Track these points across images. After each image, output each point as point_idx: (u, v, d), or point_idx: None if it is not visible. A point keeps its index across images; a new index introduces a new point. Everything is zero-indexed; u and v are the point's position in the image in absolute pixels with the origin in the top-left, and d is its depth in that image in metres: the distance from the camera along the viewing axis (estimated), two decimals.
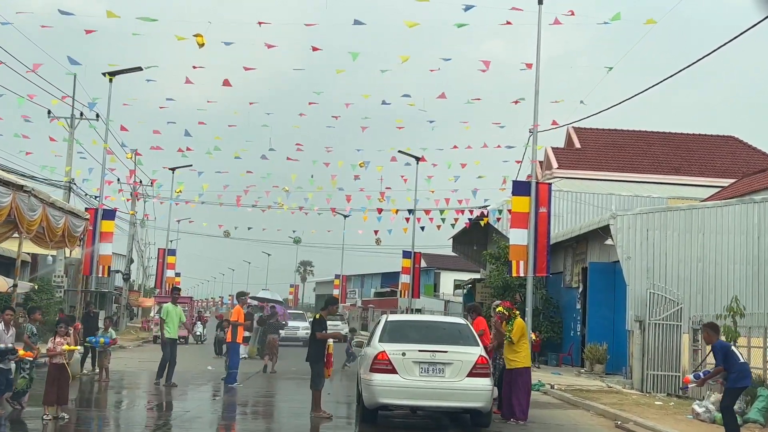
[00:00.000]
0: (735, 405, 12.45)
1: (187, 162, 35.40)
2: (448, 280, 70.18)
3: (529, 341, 16.12)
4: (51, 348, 11.35)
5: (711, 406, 12.95)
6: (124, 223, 43.16)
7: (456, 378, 11.18)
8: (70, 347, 11.24)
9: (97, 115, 29.88)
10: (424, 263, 53.62)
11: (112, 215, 30.78)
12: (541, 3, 20.77)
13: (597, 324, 22.94)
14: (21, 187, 13.84)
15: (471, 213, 31.36)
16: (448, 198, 30.29)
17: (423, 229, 33.99)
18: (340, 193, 32.30)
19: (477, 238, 39.41)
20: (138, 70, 27.62)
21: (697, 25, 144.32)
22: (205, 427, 12.15)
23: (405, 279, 42.67)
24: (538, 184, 21.57)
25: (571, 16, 18.29)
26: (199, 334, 36.78)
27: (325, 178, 32.19)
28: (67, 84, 27.52)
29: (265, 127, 26.74)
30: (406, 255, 41.92)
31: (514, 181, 22.32)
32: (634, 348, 18.86)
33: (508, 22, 18.77)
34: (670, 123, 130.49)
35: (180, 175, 39.44)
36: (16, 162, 29.81)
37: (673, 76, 17.93)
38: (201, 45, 16.15)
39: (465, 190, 33.00)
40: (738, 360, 10.66)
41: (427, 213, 32.68)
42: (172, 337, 17.09)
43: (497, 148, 25.56)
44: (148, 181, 41.84)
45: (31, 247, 23.42)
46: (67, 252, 27.02)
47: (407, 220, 35.00)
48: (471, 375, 11.19)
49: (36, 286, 27.73)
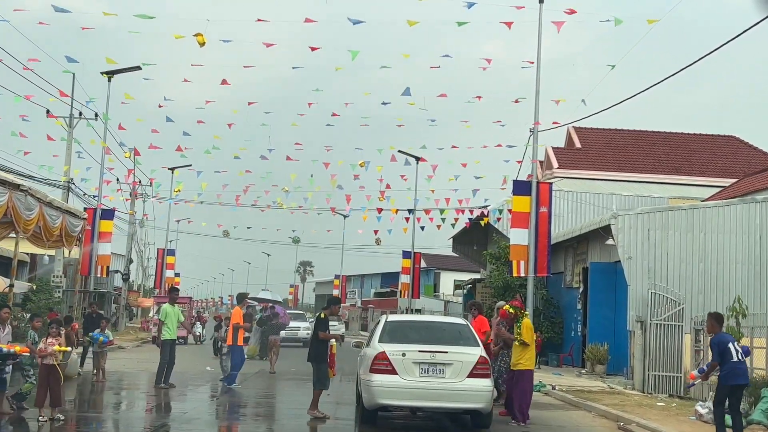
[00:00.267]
0: (739, 405, 12.34)
1: (185, 161, 35.32)
2: (448, 281, 70.09)
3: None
4: (42, 348, 11.20)
5: None
6: (123, 223, 43.08)
7: (456, 378, 11.09)
8: (60, 348, 11.07)
9: (96, 115, 29.76)
10: (424, 263, 53.54)
11: (110, 215, 30.72)
12: (541, 2, 20.72)
13: (598, 324, 22.83)
14: (17, 186, 13.75)
15: (471, 213, 31.27)
16: (448, 198, 30.23)
17: (423, 228, 33.95)
18: (340, 192, 32.21)
19: (477, 238, 39.31)
20: (137, 69, 27.51)
21: (698, 27, 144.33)
22: (203, 428, 12.03)
23: (405, 279, 42.60)
24: (538, 183, 21.48)
25: (572, 14, 18.15)
26: (198, 334, 36.69)
27: (325, 177, 32.10)
28: (65, 83, 27.39)
29: (265, 126, 26.66)
30: (406, 255, 41.84)
31: (515, 181, 22.23)
32: (635, 348, 18.76)
33: (509, 24, 18.64)
34: (670, 123, 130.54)
35: (179, 174, 39.42)
36: (15, 162, 29.64)
37: (674, 75, 17.87)
38: (201, 44, 16.02)
39: (465, 190, 32.94)
40: (731, 357, 10.51)
41: (427, 213, 32.60)
42: (171, 338, 16.98)
43: (498, 147, 25.49)
44: (147, 180, 41.85)
45: (28, 247, 23.36)
46: (66, 252, 26.87)
47: (407, 220, 34.93)
48: (471, 376, 11.11)
49: (34, 287, 27.59)
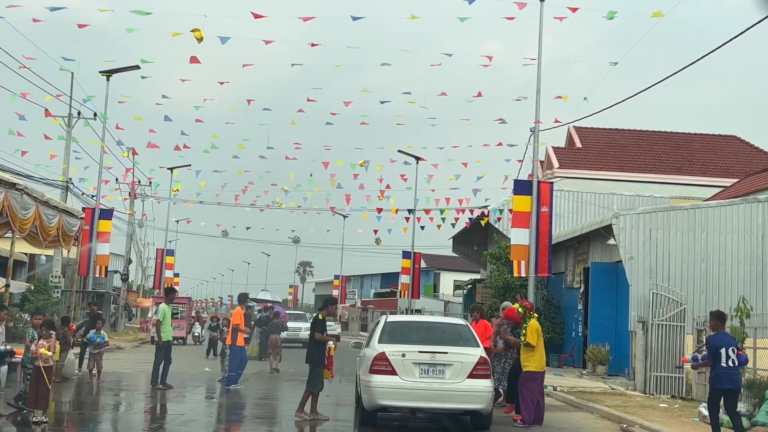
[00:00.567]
0: (735, 407, 12.20)
1: (184, 160, 35.22)
2: (448, 281, 70.01)
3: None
4: (33, 351, 11.11)
5: None
6: (122, 223, 42.94)
7: (456, 379, 11.03)
8: (45, 352, 10.92)
9: (94, 114, 29.65)
10: (423, 264, 53.42)
11: (109, 215, 30.62)
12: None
13: (599, 325, 22.69)
14: (13, 185, 13.63)
15: (471, 213, 31.14)
16: (448, 197, 30.10)
17: (423, 228, 33.83)
18: (340, 192, 32.09)
19: (477, 238, 39.19)
20: (135, 68, 27.43)
21: (698, 27, 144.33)
22: (200, 430, 11.90)
23: (405, 279, 42.51)
24: (539, 183, 21.36)
25: (574, 12, 18.05)
26: (197, 334, 36.57)
27: (324, 177, 31.96)
28: (63, 83, 27.26)
29: (264, 126, 26.53)
30: (406, 255, 41.75)
31: (516, 180, 22.12)
32: (636, 349, 18.63)
33: (511, 18, 18.54)
34: (671, 123, 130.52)
35: (178, 174, 39.29)
36: (13, 162, 29.48)
37: (675, 74, 17.78)
38: (199, 40, 15.96)
39: (465, 190, 32.79)
40: (720, 362, 10.45)
41: (427, 213, 32.47)
42: (168, 339, 16.81)
43: (499, 147, 25.36)
44: (146, 180, 41.74)
45: (27, 247, 23.24)
46: (64, 252, 26.75)
47: (407, 220, 34.83)
48: (471, 376, 11.06)
49: (32, 287, 27.46)
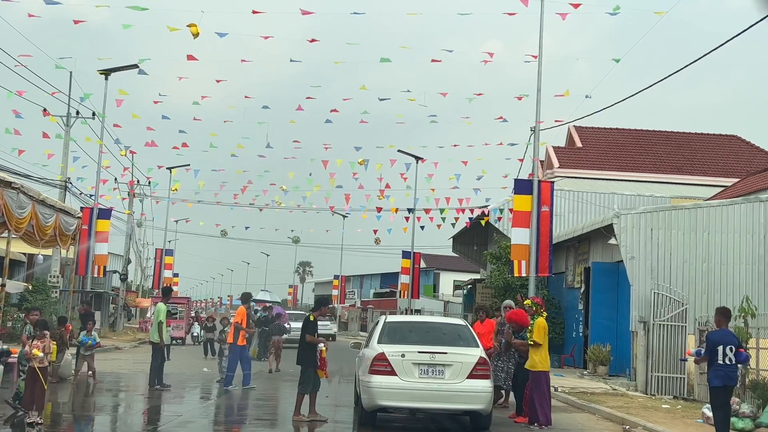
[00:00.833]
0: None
1: (182, 159, 35.01)
2: (448, 281, 69.91)
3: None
4: (27, 351, 11.00)
5: None
6: (121, 223, 42.80)
7: (456, 380, 10.96)
8: (37, 352, 10.79)
9: (93, 114, 29.52)
10: (423, 264, 53.29)
11: (107, 214, 30.46)
12: None
13: (600, 325, 22.56)
14: (9, 184, 13.49)
15: (471, 212, 31.01)
16: (448, 197, 29.97)
17: (423, 228, 33.70)
18: (339, 191, 31.96)
19: (477, 238, 39.07)
20: (134, 67, 27.27)
21: (698, 27, 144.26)
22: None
23: (404, 279, 42.39)
24: (540, 182, 21.23)
25: (576, 8, 17.94)
26: (196, 335, 36.42)
27: (324, 176, 31.83)
28: (60, 82, 27.12)
29: (262, 124, 26.39)
30: (406, 255, 41.62)
31: (516, 179, 21.99)
32: (638, 349, 18.50)
33: (512, 14, 18.42)
34: (672, 123, 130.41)
35: (176, 174, 39.13)
36: (11, 161, 29.38)
37: (676, 73, 17.72)
38: (195, 35, 15.85)
39: (466, 189, 32.70)
40: (717, 359, 10.33)
41: (427, 212, 32.34)
42: (155, 340, 16.53)
43: (499, 146, 25.24)
44: (144, 179, 41.61)
45: (25, 246, 23.11)
46: (63, 251, 26.62)
47: (407, 220, 34.69)
48: (471, 377, 11.00)
49: (30, 287, 27.33)
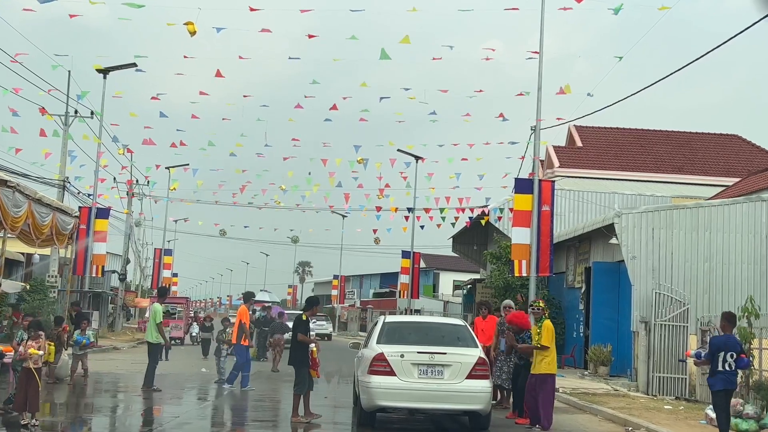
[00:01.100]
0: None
1: (180, 158, 34.87)
2: (448, 281, 69.78)
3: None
4: (21, 352, 10.84)
5: None
6: (120, 222, 42.65)
7: (455, 380, 10.91)
8: (34, 352, 10.66)
9: (91, 113, 29.39)
10: (423, 263, 53.13)
11: (106, 214, 30.26)
12: None
13: (601, 325, 22.45)
14: (5, 182, 13.38)
15: (471, 212, 30.89)
16: (448, 196, 29.86)
17: (423, 228, 33.58)
18: (338, 191, 31.83)
19: (477, 238, 38.94)
20: (132, 66, 27.15)
21: (699, 27, 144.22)
22: None
23: (404, 279, 42.25)
24: (541, 181, 21.08)
25: (579, 2, 17.80)
26: (195, 335, 36.30)
27: (323, 175, 31.70)
28: (57, 80, 26.96)
29: (260, 122, 26.26)
30: (405, 255, 41.48)
31: (517, 179, 21.85)
32: (639, 350, 18.38)
33: (514, 9, 18.32)
34: (672, 122, 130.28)
35: (174, 173, 39.01)
36: (8, 160, 29.27)
37: (677, 72, 17.46)
38: (192, 33, 15.74)
39: (466, 189, 32.59)
40: (717, 365, 10.36)
41: (426, 212, 32.21)
42: (150, 340, 16.30)
43: (500, 145, 25.12)
44: (143, 179, 41.47)
45: (23, 246, 22.97)
46: (61, 251, 26.48)
47: (407, 219, 34.56)
48: (470, 377, 10.95)
49: (28, 287, 27.18)
